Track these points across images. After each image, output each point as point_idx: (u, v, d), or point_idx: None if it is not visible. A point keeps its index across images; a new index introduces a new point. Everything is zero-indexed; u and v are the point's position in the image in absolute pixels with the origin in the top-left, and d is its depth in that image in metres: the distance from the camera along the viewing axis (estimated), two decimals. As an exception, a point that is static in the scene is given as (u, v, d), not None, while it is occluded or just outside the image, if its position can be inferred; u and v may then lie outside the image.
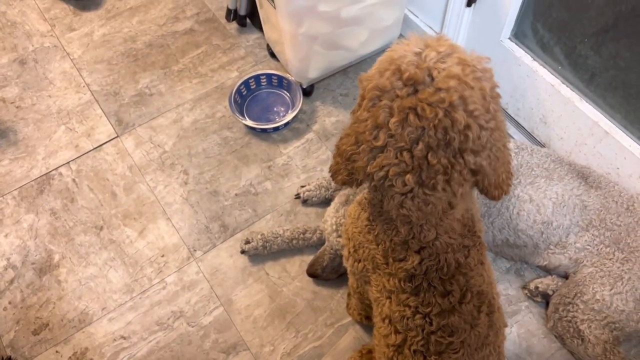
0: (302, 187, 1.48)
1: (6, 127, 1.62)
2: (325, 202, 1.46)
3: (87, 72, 1.73)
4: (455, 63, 0.66)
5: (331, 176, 0.81)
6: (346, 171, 0.77)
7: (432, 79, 0.66)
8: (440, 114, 0.64)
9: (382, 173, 0.70)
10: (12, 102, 1.67)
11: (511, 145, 1.33)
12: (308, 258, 1.37)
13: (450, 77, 0.65)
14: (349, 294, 1.30)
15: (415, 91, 0.66)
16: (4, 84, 1.71)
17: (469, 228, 0.85)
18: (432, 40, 0.69)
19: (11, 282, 1.37)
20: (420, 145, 0.67)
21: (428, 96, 0.65)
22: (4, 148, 1.58)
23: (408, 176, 0.69)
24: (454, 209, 0.78)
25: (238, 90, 1.62)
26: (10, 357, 1.24)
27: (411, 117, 0.65)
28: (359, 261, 0.94)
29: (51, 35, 1.82)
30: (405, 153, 0.68)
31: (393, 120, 0.66)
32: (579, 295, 1.23)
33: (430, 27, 1.65)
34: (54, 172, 1.54)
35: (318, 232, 1.37)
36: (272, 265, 1.38)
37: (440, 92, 0.65)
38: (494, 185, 0.75)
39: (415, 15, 1.68)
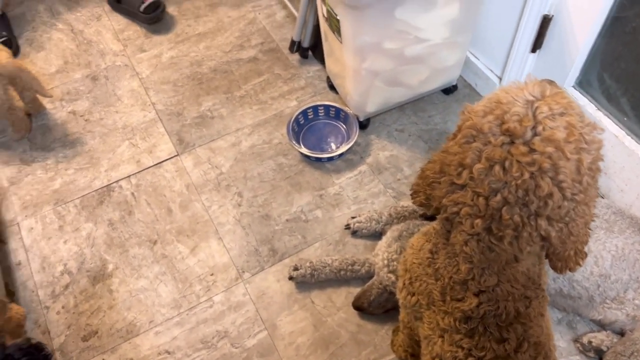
0: (353, 218, 1.48)
1: (74, 138, 1.70)
2: (375, 235, 1.46)
3: (153, 92, 1.81)
4: (563, 127, 0.64)
5: (410, 195, 0.83)
6: (424, 195, 0.78)
7: (535, 134, 0.64)
8: (526, 175, 0.64)
9: (455, 209, 0.71)
10: (82, 115, 1.76)
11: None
12: (355, 290, 1.37)
13: (550, 142, 0.64)
14: (394, 330, 1.29)
15: (511, 143, 0.65)
16: (76, 98, 1.80)
17: (533, 280, 0.84)
18: (550, 93, 0.67)
19: (66, 287, 1.42)
20: (498, 197, 0.67)
21: (520, 154, 0.64)
22: (71, 158, 1.66)
23: (478, 221, 0.70)
24: (519, 263, 0.77)
25: (296, 119, 1.66)
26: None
27: (497, 168, 0.65)
28: (414, 294, 0.93)
29: (123, 54, 1.92)
30: (481, 199, 0.68)
31: (478, 166, 0.67)
32: (635, 354, 1.18)
33: (492, 71, 1.66)
34: (114, 184, 1.60)
35: (367, 264, 1.37)
36: (318, 294, 1.39)
37: (534, 154, 0.64)
38: (558, 257, 0.74)
39: (477, 58, 1.70)
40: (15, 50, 1.90)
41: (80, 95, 1.81)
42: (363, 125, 1.68)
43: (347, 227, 1.49)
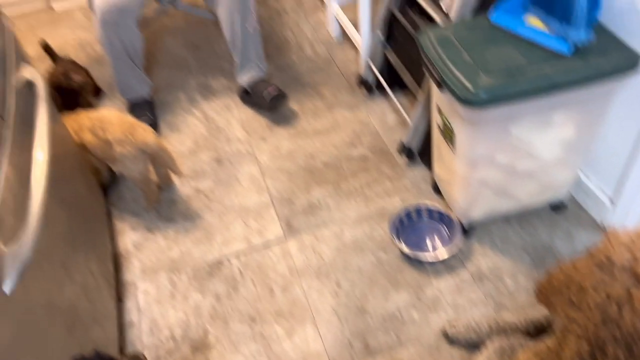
0: (450, 324, 1.47)
1: (195, 213, 1.87)
2: (473, 345, 1.43)
3: (270, 179, 1.97)
4: None
5: (534, 292, 0.86)
6: (545, 296, 0.80)
7: None
8: (638, 322, 0.65)
9: (566, 322, 0.72)
10: (204, 193, 1.94)
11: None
12: (447, 400, 1.33)
13: None
14: None
15: (636, 285, 0.66)
16: (201, 177, 2.00)
17: None
18: None
19: (170, 353, 1.51)
20: (606, 331, 0.67)
21: (639, 301, 0.65)
22: (190, 231, 1.82)
23: (585, 344, 0.70)
24: None
25: (399, 218, 1.72)
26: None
27: (613, 307, 0.67)
28: None
29: (246, 142, 2.13)
30: (591, 325, 0.69)
31: (596, 296, 0.68)
32: None
33: (604, 192, 1.64)
34: (225, 260, 1.72)
35: (463, 375, 1.34)
36: (409, 398, 1.36)
37: None
38: None
39: (588, 177, 1.69)
40: (157, 131, 2.17)
41: (205, 175, 2.01)
42: (466, 231, 1.70)
43: (444, 333, 1.47)
